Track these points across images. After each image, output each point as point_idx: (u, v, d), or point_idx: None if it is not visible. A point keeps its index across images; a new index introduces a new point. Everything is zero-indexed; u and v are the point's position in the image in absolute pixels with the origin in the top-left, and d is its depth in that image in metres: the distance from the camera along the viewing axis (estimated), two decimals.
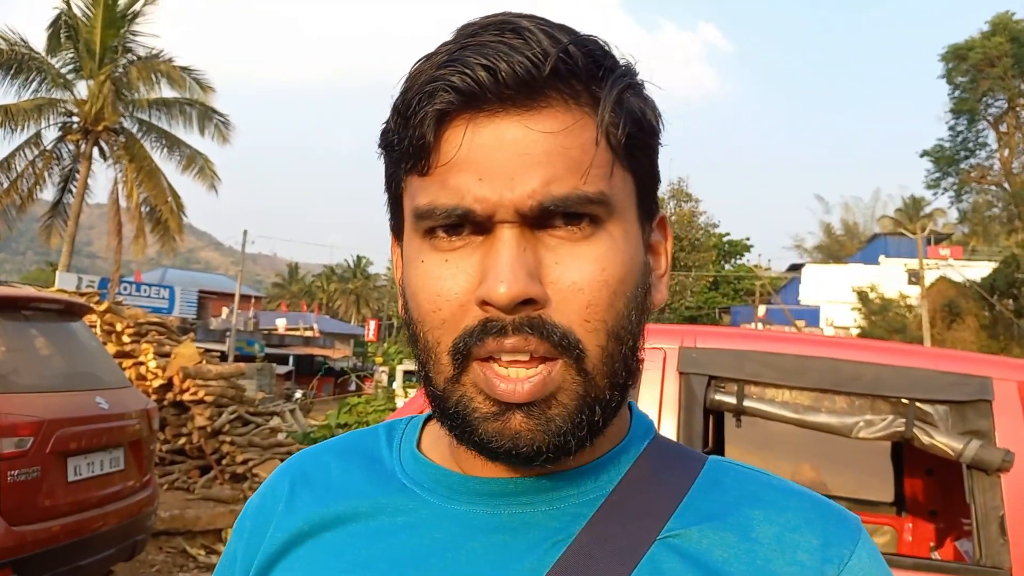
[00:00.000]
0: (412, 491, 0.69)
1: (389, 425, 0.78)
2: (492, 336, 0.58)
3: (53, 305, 5.02)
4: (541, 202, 0.57)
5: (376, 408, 11.20)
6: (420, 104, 0.58)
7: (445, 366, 0.61)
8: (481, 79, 0.56)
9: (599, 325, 0.59)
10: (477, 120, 0.58)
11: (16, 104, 22.84)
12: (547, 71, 0.56)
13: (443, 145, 0.58)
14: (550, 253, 0.59)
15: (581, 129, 0.58)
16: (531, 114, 0.57)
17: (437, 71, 0.58)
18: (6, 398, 4.09)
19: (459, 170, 0.58)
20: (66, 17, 23.37)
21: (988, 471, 2.41)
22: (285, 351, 39.46)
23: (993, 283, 29.83)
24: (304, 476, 0.75)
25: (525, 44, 0.57)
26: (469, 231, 0.59)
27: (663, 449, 0.71)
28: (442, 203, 0.59)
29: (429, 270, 0.61)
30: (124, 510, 4.72)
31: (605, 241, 0.60)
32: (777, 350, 2.70)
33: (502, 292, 0.56)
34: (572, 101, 0.59)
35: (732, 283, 51.21)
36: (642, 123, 0.62)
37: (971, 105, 41.96)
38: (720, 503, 0.65)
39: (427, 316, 0.61)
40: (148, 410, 5.24)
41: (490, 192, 0.57)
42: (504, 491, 0.65)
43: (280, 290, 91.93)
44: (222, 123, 25.25)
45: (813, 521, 0.64)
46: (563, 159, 0.58)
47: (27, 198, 23.81)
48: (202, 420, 8.56)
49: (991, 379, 2.49)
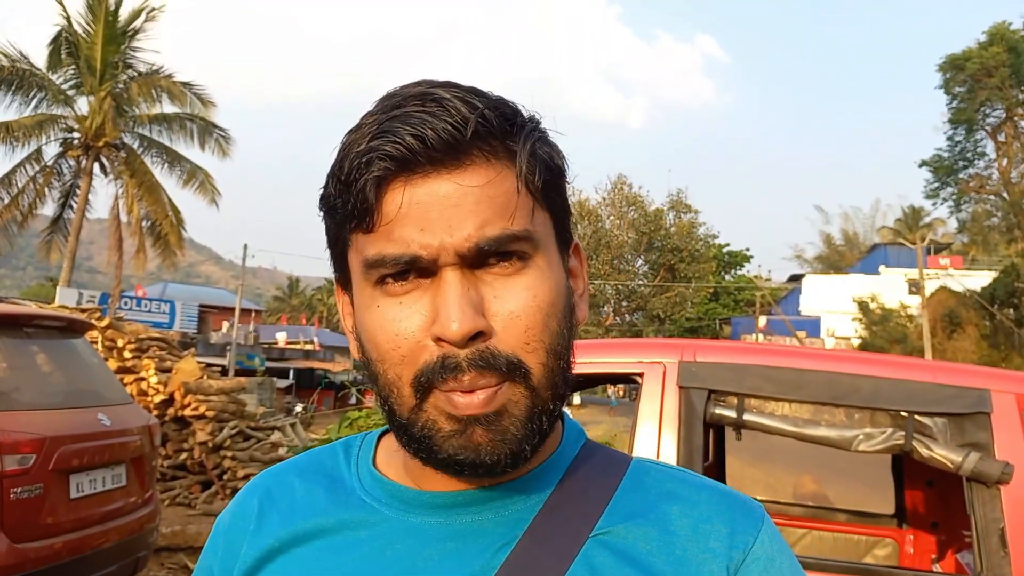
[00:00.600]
0: (371, 506, 0.75)
1: (345, 443, 0.84)
2: (451, 374, 0.65)
3: (54, 322, 5.03)
4: (477, 243, 0.65)
5: (377, 422, 11.16)
6: (359, 172, 0.65)
7: (407, 397, 0.67)
8: (412, 146, 0.64)
9: (538, 345, 0.67)
10: (412, 181, 0.65)
11: (17, 120, 22.93)
12: (469, 134, 0.64)
13: (384, 205, 0.65)
14: (488, 288, 0.66)
15: (502, 179, 0.66)
16: (459, 171, 0.65)
17: (371, 141, 0.65)
18: (8, 416, 4.10)
19: (402, 224, 0.65)
20: (67, 34, 23.49)
21: (988, 483, 2.42)
22: (286, 365, 39.37)
23: (993, 292, 29.84)
24: (269, 496, 0.80)
25: (446, 112, 0.64)
26: (415, 276, 0.66)
27: (592, 453, 0.78)
28: (390, 252, 0.65)
29: (384, 313, 0.67)
30: (126, 527, 4.71)
31: (533, 272, 0.68)
32: (776, 364, 2.71)
33: (455, 329, 0.63)
34: (492, 156, 0.66)
35: (732, 294, 51.26)
36: (551, 167, 0.71)
37: (969, 115, 42.08)
38: (642, 501, 0.73)
39: (387, 355, 0.67)
40: (150, 426, 5.25)
41: (432, 239, 0.64)
42: (455, 502, 0.72)
43: (280, 304, 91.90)
44: (222, 137, 25.35)
45: (722, 512, 0.73)
46: (490, 206, 0.65)
47: (28, 214, 23.87)
48: (203, 435, 8.56)
49: (989, 391, 2.49)
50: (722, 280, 51.68)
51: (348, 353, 50.44)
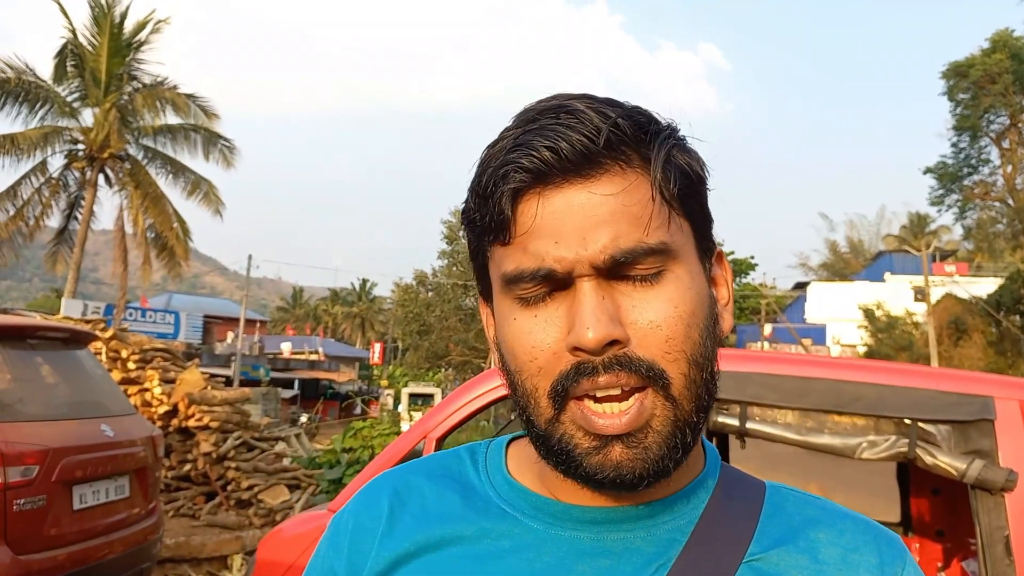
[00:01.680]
0: (514, 517, 0.74)
1: (471, 448, 0.84)
2: (586, 377, 0.65)
3: (59, 333, 5.04)
4: (612, 255, 0.65)
5: (381, 432, 11.16)
6: (496, 185, 0.66)
7: (545, 408, 0.68)
8: (546, 158, 0.64)
9: (679, 355, 0.66)
10: (547, 193, 0.66)
11: (23, 133, 23.02)
12: (601, 144, 0.65)
13: (520, 217, 0.66)
14: (626, 299, 0.66)
15: (636, 188, 0.66)
16: (592, 181, 0.65)
17: (507, 155, 0.66)
18: (12, 427, 4.10)
19: (537, 236, 0.66)
20: (72, 46, 23.60)
21: (992, 491, 2.40)
22: (290, 375, 39.39)
23: (999, 299, 29.74)
24: (400, 498, 0.79)
25: (580, 123, 0.65)
26: (552, 288, 0.67)
27: (732, 477, 0.79)
28: (526, 266, 0.66)
29: (521, 326, 0.68)
30: (129, 538, 4.71)
31: (672, 282, 0.67)
32: (779, 371, 2.70)
33: (590, 337, 0.63)
34: (626, 165, 0.67)
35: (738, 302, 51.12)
36: (689, 175, 0.70)
37: (973, 122, 42.04)
38: (787, 527, 0.74)
39: (524, 366, 0.68)
40: (153, 437, 5.25)
41: (566, 252, 0.65)
42: (606, 519, 0.72)
43: (285, 314, 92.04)
44: (227, 148, 25.43)
45: (869, 542, 0.73)
46: (625, 216, 0.65)
47: (33, 226, 23.94)
48: (207, 446, 8.56)
49: (993, 398, 2.48)
50: None
51: (352, 363, 50.49)
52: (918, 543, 3.68)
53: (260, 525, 8.11)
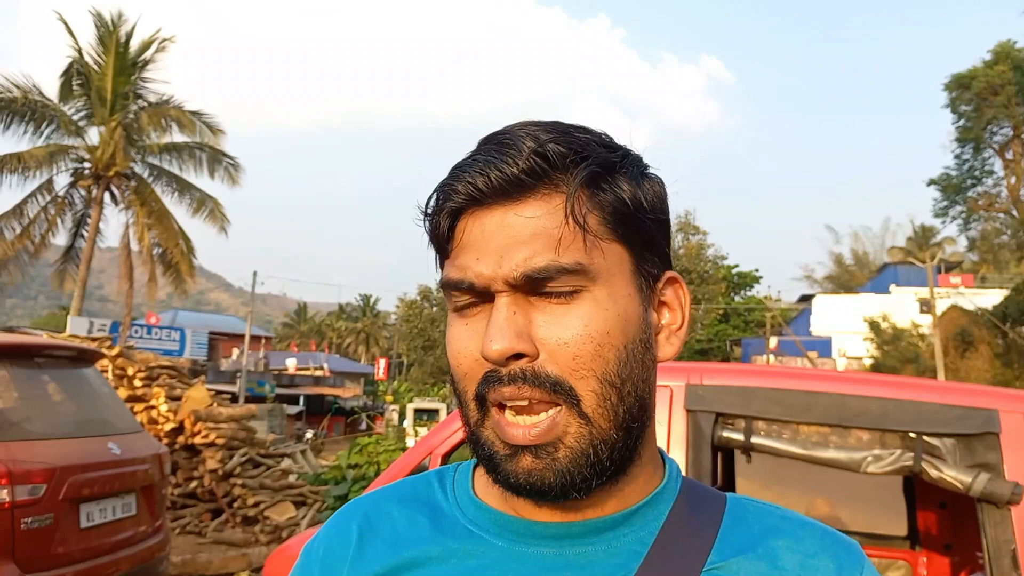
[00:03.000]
0: (479, 536, 0.76)
1: (439, 472, 0.86)
2: (492, 385, 0.69)
3: (65, 352, 5.07)
4: (524, 272, 0.68)
5: (387, 448, 11.13)
6: (438, 204, 0.73)
7: (473, 412, 0.73)
8: (478, 184, 0.70)
9: (587, 373, 0.69)
10: (478, 213, 0.71)
11: (29, 151, 23.11)
12: (521, 170, 0.69)
13: (455, 234, 0.72)
14: (540, 315, 0.70)
15: (557, 211, 0.70)
16: (518, 204, 0.70)
17: (448, 180, 0.72)
18: (20, 446, 4.12)
19: (464, 252, 0.71)
20: (78, 65, 23.75)
21: (998, 504, 2.40)
22: (296, 391, 39.36)
23: (1005, 311, 29.65)
24: (369, 523, 0.81)
25: (511, 151, 0.69)
26: (481, 300, 0.71)
27: (693, 489, 0.81)
28: (453, 277, 0.72)
29: (454, 333, 0.74)
30: (136, 556, 4.72)
31: (588, 302, 0.70)
32: (783, 386, 2.71)
33: (492, 348, 0.67)
34: (553, 189, 0.70)
35: (742, 315, 51.09)
36: (625, 201, 0.72)
37: (976, 133, 41.99)
38: (748, 536, 0.75)
39: (456, 371, 0.73)
40: (160, 455, 5.26)
41: (484, 268, 0.69)
42: (567, 533, 0.74)
43: (290, 330, 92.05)
44: (231, 166, 25.50)
45: (827, 548, 0.75)
46: (543, 237, 0.69)
47: (39, 244, 24.00)
48: (213, 463, 8.56)
49: (998, 411, 2.49)
50: (732, 301, 51.55)
51: (358, 379, 50.47)
52: (925, 557, 3.67)
53: (266, 542, 8.10)
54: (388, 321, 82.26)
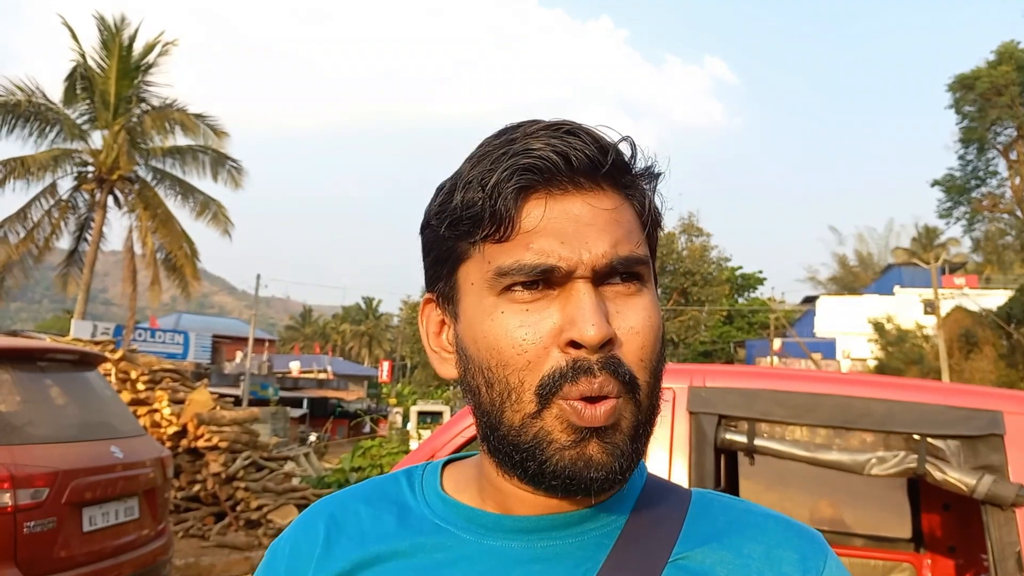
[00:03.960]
0: (447, 530, 0.76)
1: (407, 471, 0.85)
2: (584, 376, 0.67)
3: (68, 355, 5.07)
4: (611, 260, 0.69)
5: (390, 450, 11.15)
6: (501, 181, 0.68)
7: (527, 403, 0.69)
8: (556, 163, 0.68)
9: (648, 364, 0.71)
10: (552, 196, 0.69)
11: (33, 156, 23.16)
12: (608, 162, 0.70)
13: (523, 216, 0.69)
14: (611, 304, 0.70)
15: (626, 207, 0.72)
16: (592, 194, 0.70)
17: (512, 156, 0.69)
18: (22, 449, 4.12)
19: (542, 236, 0.68)
20: (82, 69, 23.79)
21: (1003, 506, 2.39)
22: (299, 394, 39.37)
23: (1009, 311, 29.61)
24: (336, 522, 0.81)
25: (583, 141, 0.69)
26: (544, 287, 0.69)
27: (657, 484, 0.82)
28: (527, 261, 0.68)
29: (509, 319, 0.69)
30: (139, 559, 4.71)
31: (648, 295, 0.73)
32: (787, 388, 2.70)
33: (592, 333, 0.66)
34: (619, 186, 0.72)
35: (746, 317, 51.05)
36: (659, 213, 0.76)
37: (980, 134, 41.95)
38: (713, 527, 0.76)
39: (511, 359, 0.69)
40: (163, 458, 5.26)
41: (571, 252, 0.68)
42: (535, 527, 0.74)
43: (293, 333, 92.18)
44: (235, 168, 25.51)
45: (790, 539, 0.76)
46: (620, 229, 0.71)
47: (43, 247, 24.05)
48: (216, 466, 8.56)
49: (1001, 413, 2.47)
50: (735, 303, 51.51)
51: (361, 382, 50.48)
52: (930, 559, 3.66)
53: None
54: (391, 323, 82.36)
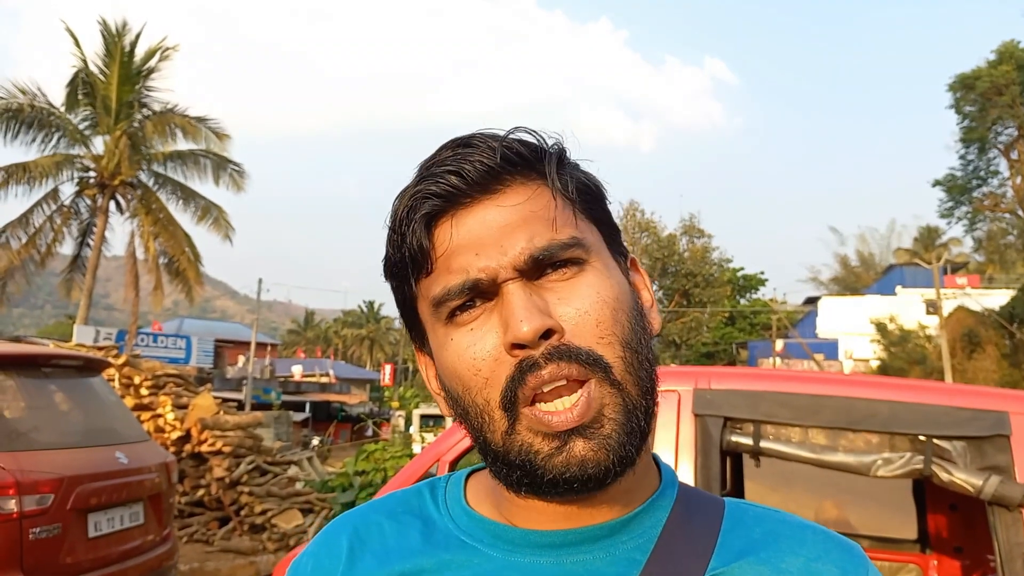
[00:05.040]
0: (473, 547, 0.74)
1: (430, 483, 0.83)
2: (530, 372, 0.66)
3: (72, 361, 5.07)
4: (531, 254, 0.68)
5: (394, 454, 11.13)
6: (410, 217, 0.70)
7: (499, 421, 0.68)
8: (452, 182, 0.69)
9: (612, 339, 0.68)
10: (458, 214, 0.69)
11: (35, 161, 23.20)
12: (498, 159, 0.69)
13: (437, 243, 0.70)
14: (551, 294, 0.69)
15: (539, 196, 0.71)
16: (498, 196, 0.70)
17: (415, 188, 0.70)
18: (28, 456, 4.12)
19: (458, 254, 0.69)
20: (83, 74, 23.82)
21: (1009, 507, 2.39)
22: (302, 398, 39.34)
23: (1012, 311, 29.56)
24: (359, 537, 0.78)
25: (477, 149, 0.70)
26: (481, 301, 0.69)
27: (690, 494, 0.78)
28: (453, 283, 0.68)
29: (459, 343, 0.69)
30: (144, 565, 4.71)
31: (591, 272, 0.70)
32: (792, 389, 2.70)
33: (525, 329, 0.65)
34: (526, 178, 0.71)
35: (748, 318, 50.98)
36: (587, 185, 0.75)
37: (981, 134, 41.90)
38: (748, 540, 0.73)
39: (471, 381, 0.69)
40: (167, 464, 5.26)
41: (488, 260, 0.68)
42: (564, 542, 0.71)
43: (296, 337, 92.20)
44: (236, 172, 25.52)
45: (831, 551, 0.73)
46: (534, 220, 0.69)
47: (45, 253, 24.08)
48: (220, 471, 8.56)
49: (1008, 413, 2.47)
50: (737, 304, 51.46)
51: (363, 385, 50.49)
52: (936, 560, 3.65)
53: (274, 550, 8.10)
54: (393, 326, 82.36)
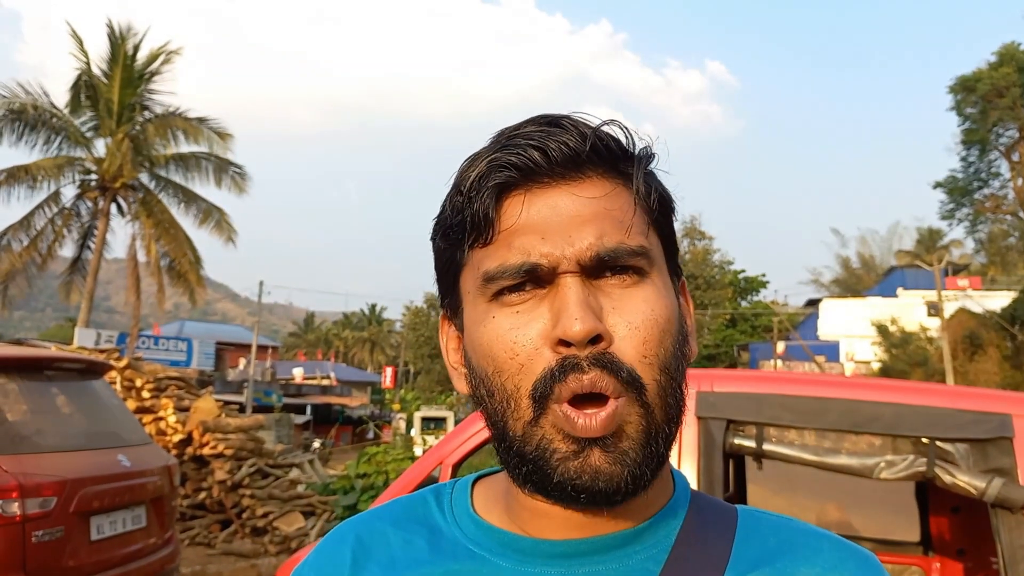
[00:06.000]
0: (481, 556, 0.71)
1: (435, 490, 0.81)
2: (572, 373, 0.63)
3: (74, 364, 5.07)
4: (597, 253, 0.65)
5: (395, 457, 11.12)
6: (481, 183, 0.67)
7: (525, 410, 0.66)
8: (533, 157, 0.66)
9: (653, 360, 0.65)
10: (532, 191, 0.67)
11: (37, 163, 23.21)
12: (588, 148, 0.66)
13: (504, 215, 0.67)
14: (606, 299, 0.66)
15: (618, 196, 0.68)
16: (576, 184, 0.67)
17: (493, 154, 0.67)
18: (30, 459, 4.12)
19: (522, 233, 0.66)
20: (86, 77, 23.85)
21: (1013, 509, 2.39)
22: (303, 400, 39.33)
23: (1014, 313, 29.55)
24: (364, 547, 0.76)
25: (565, 131, 0.67)
26: (532, 286, 0.67)
27: (703, 502, 0.77)
28: (511, 262, 0.66)
29: (500, 323, 0.67)
30: (147, 568, 4.71)
31: (650, 287, 0.68)
32: (795, 392, 2.70)
33: (577, 328, 0.62)
34: (608, 173, 0.68)
35: (749, 320, 50.96)
36: (665, 196, 0.72)
37: (982, 135, 41.97)
38: (763, 550, 0.72)
39: (505, 364, 0.66)
40: (169, 466, 5.26)
41: (553, 248, 0.65)
42: (576, 551, 0.69)
43: (296, 339, 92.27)
44: (238, 174, 25.51)
45: (845, 561, 0.71)
46: (608, 219, 0.67)
47: (46, 255, 24.09)
48: (222, 474, 8.56)
49: (1011, 416, 2.47)
50: (739, 306, 51.43)
51: (364, 388, 50.49)
52: (939, 562, 3.65)
53: (275, 552, 8.10)
54: (394, 329, 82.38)
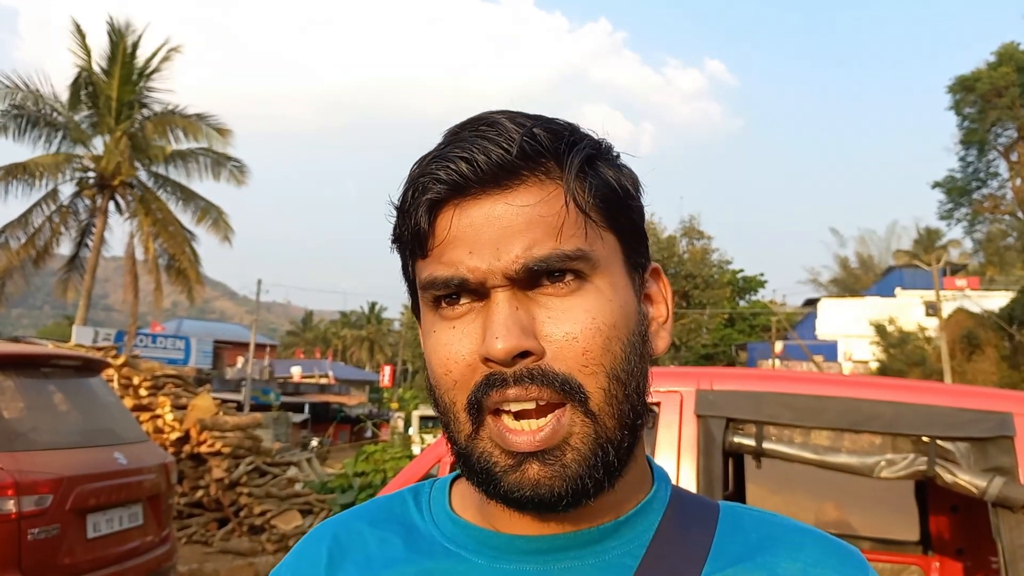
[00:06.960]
0: (457, 554, 0.71)
1: (414, 489, 0.80)
2: (495, 388, 0.63)
3: (71, 362, 5.06)
4: (525, 264, 0.63)
5: (393, 456, 11.11)
6: (414, 198, 0.66)
7: (463, 423, 0.66)
8: (463, 171, 0.64)
9: (597, 368, 0.64)
10: (463, 204, 0.65)
11: (35, 160, 23.18)
12: (515, 154, 0.64)
13: (437, 229, 0.66)
14: (542, 310, 0.65)
15: (555, 199, 0.65)
16: (509, 192, 0.65)
17: (426, 168, 0.66)
18: (26, 456, 4.11)
19: (452, 247, 0.65)
20: (86, 74, 23.81)
21: (1013, 508, 2.38)
22: (300, 399, 39.32)
23: (1011, 313, 29.58)
24: (340, 546, 0.76)
25: (497, 135, 0.65)
26: (469, 299, 0.66)
27: (684, 498, 0.76)
28: (440, 275, 0.65)
29: (439, 338, 0.67)
30: (143, 566, 4.70)
31: (592, 293, 0.66)
32: (794, 390, 2.69)
33: (499, 347, 0.62)
34: (544, 176, 0.66)
35: (748, 319, 50.98)
36: (614, 187, 0.69)
37: (980, 135, 41.97)
38: (745, 545, 0.71)
39: (441, 379, 0.67)
40: (166, 464, 5.25)
41: (480, 262, 0.64)
42: (551, 547, 0.69)
43: (295, 338, 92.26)
44: (236, 168, 25.45)
45: (830, 557, 0.70)
46: (541, 226, 0.64)
47: (44, 253, 24.06)
48: (219, 472, 8.55)
49: (1012, 414, 2.46)
50: (737, 306, 51.45)
51: (363, 386, 50.49)
52: (938, 562, 3.64)
53: (273, 551, 8.09)
54: (393, 328, 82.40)
